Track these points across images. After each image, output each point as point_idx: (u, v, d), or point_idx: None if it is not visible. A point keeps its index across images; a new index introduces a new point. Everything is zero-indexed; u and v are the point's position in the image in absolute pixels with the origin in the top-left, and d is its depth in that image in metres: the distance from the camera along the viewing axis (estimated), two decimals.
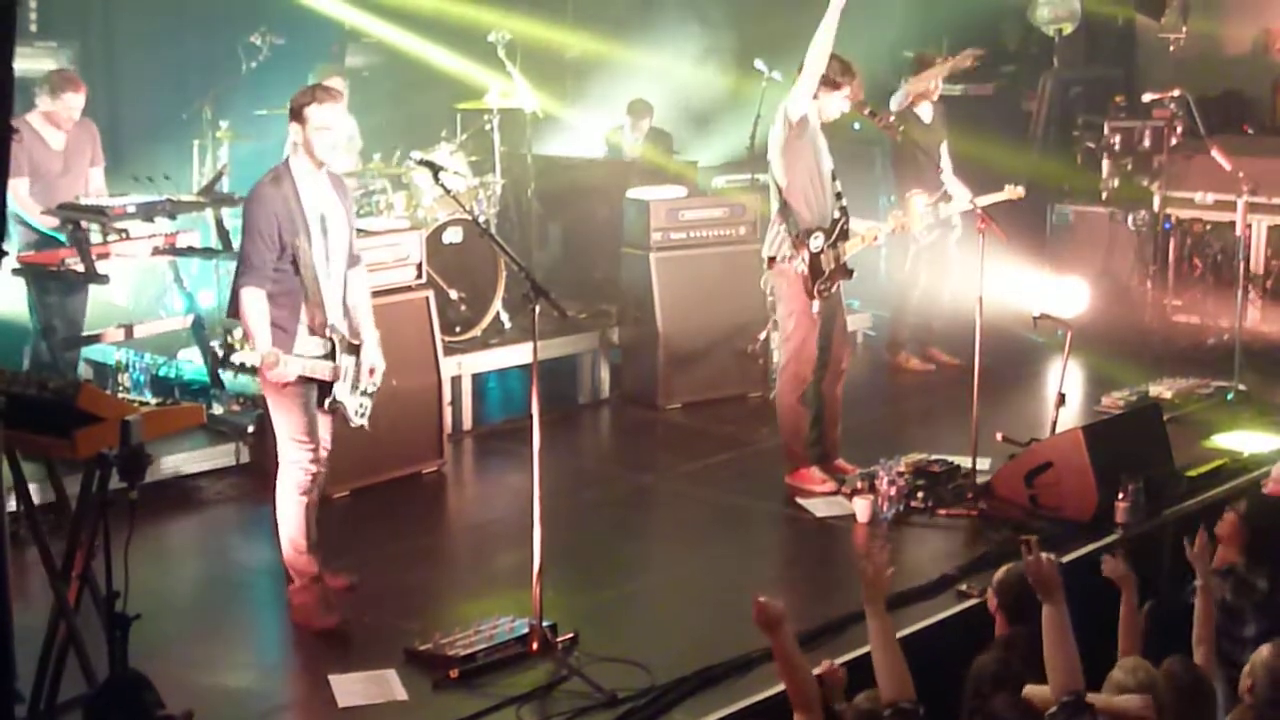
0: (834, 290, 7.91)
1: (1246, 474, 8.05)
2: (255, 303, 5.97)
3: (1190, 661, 5.58)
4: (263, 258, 6.00)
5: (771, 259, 7.88)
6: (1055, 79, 12.36)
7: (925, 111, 10.34)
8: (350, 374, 6.25)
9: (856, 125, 10.44)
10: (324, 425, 6.36)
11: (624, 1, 12.23)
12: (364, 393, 6.33)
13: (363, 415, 6.37)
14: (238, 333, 5.90)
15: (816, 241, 7.75)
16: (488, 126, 10.08)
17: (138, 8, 10.38)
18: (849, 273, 8.02)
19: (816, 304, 7.79)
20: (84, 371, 8.23)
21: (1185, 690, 5.23)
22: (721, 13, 12.66)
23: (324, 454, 6.38)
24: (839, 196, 8.00)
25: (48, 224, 8.05)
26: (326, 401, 6.22)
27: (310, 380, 6.14)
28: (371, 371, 6.32)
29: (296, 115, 6.17)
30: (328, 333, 6.16)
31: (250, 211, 6.13)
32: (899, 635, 5.94)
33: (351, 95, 9.93)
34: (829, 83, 7.82)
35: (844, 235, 7.95)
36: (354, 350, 6.27)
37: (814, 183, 7.86)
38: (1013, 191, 9.87)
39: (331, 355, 6.17)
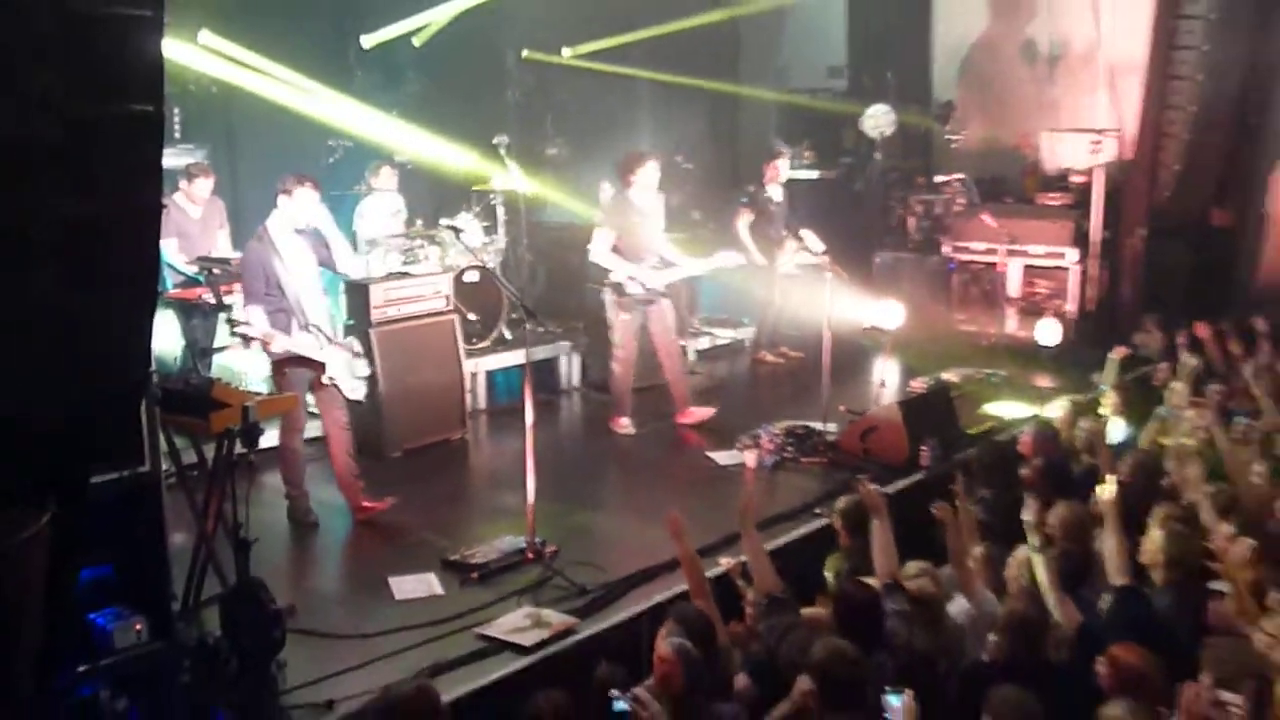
0: (641, 304, 8.14)
1: (1006, 431, 8.16)
2: (255, 312, 6.17)
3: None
4: (257, 287, 6.19)
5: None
6: (878, 167, 12.44)
7: (776, 192, 10.37)
8: (342, 362, 6.38)
9: (744, 199, 10.48)
10: (335, 403, 6.50)
11: (588, 121, 12.16)
12: (356, 377, 6.45)
13: (356, 393, 6.46)
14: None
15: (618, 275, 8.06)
16: (493, 202, 10.07)
17: (253, 120, 10.26)
18: (659, 293, 8.19)
19: (625, 315, 8.11)
20: (216, 373, 8.14)
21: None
22: (657, 123, 12.73)
23: (345, 420, 6.54)
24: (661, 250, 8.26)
25: (190, 270, 8.00)
26: (324, 378, 6.35)
27: (301, 367, 6.27)
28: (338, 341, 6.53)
29: (286, 191, 6.33)
30: (312, 330, 6.28)
31: (245, 259, 6.38)
32: (777, 545, 6.02)
33: (400, 180, 9.88)
34: (625, 177, 8.09)
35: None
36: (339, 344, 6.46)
37: (631, 246, 8.05)
38: (820, 259, 9.92)
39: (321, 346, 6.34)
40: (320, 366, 6.28)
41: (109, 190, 3.33)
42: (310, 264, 6.45)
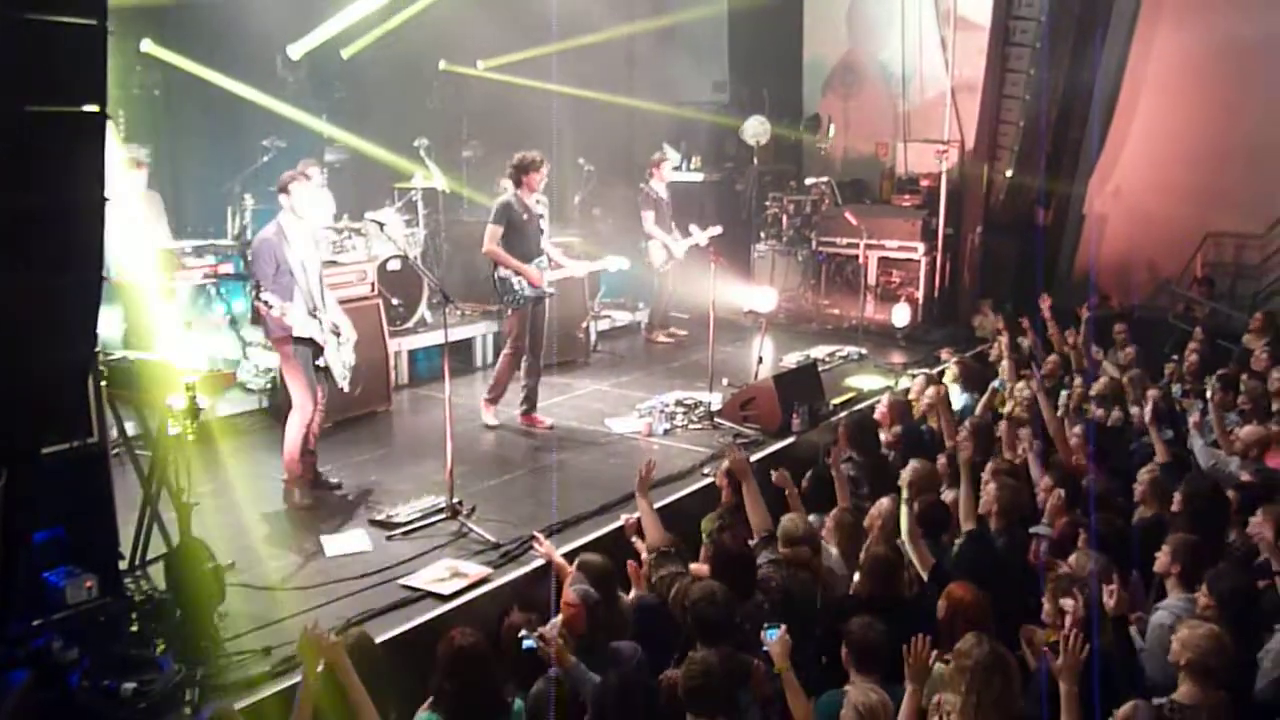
0: (529, 303, 7.50)
1: (865, 401, 8.35)
2: (270, 295, 5.80)
3: (849, 508, 5.70)
4: (265, 272, 5.86)
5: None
6: (755, 171, 12.56)
7: (661, 190, 10.40)
8: (334, 346, 6.12)
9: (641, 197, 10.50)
10: (322, 386, 6.23)
11: (499, 125, 11.98)
12: (346, 366, 6.22)
13: (345, 380, 6.26)
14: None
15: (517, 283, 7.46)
16: (414, 198, 9.91)
17: (191, 121, 9.93)
18: (545, 293, 7.60)
19: (512, 311, 7.49)
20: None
21: (847, 527, 5.38)
22: (561, 129, 12.61)
23: (322, 402, 6.24)
24: (543, 250, 7.64)
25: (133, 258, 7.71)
26: (319, 361, 6.09)
27: (305, 348, 6.01)
28: (342, 334, 6.18)
29: (283, 189, 6.01)
30: (317, 314, 6.02)
31: (257, 246, 6.01)
32: (668, 502, 6.08)
33: (328, 179, 9.67)
34: (519, 178, 7.39)
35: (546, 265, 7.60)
36: (335, 333, 6.14)
37: (518, 246, 7.43)
38: (711, 231, 10.14)
39: (322, 330, 6.06)
40: (320, 349, 6.10)
41: (56, 184, 3.22)
42: (316, 258, 6.15)
